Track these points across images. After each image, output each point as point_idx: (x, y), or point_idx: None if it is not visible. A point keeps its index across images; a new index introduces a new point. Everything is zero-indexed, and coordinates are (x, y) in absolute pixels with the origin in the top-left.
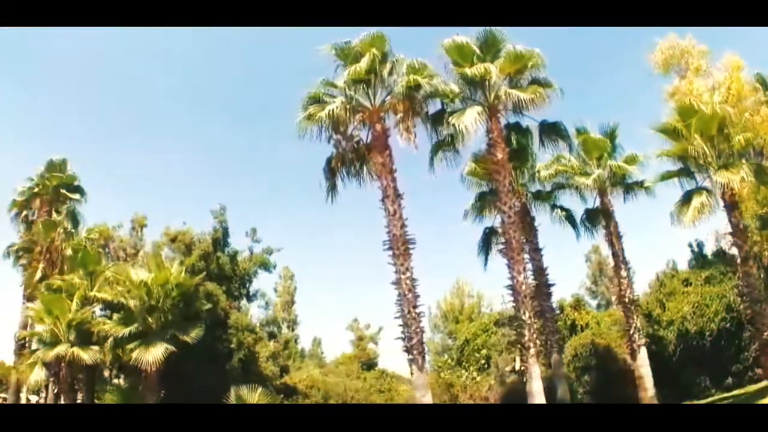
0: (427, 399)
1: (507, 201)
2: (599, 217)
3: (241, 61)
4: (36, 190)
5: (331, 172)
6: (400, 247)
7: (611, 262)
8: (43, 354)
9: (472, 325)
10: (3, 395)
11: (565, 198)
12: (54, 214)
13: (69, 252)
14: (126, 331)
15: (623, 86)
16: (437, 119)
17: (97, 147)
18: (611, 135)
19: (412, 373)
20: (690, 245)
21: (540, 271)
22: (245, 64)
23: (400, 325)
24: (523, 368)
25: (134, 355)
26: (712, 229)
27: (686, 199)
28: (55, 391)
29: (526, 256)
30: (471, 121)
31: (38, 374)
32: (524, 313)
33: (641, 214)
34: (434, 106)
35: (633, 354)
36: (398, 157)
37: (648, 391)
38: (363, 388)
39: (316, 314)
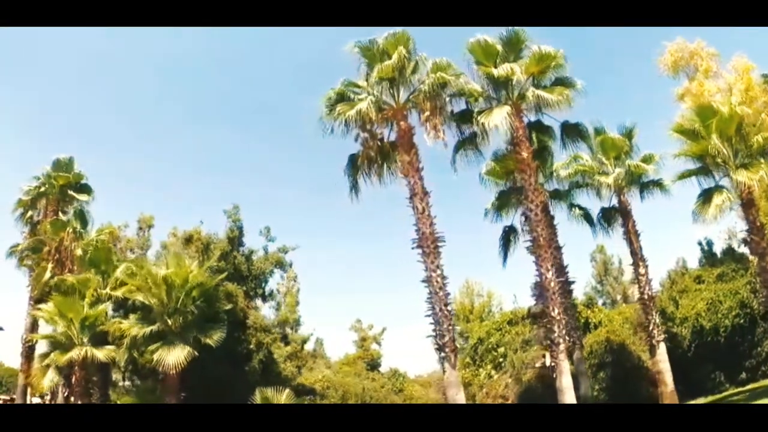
0: (461, 396)
1: (534, 199)
2: (614, 215)
3: (240, 61)
4: (42, 189)
5: (354, 170)
6: (430, 245)
7: (629, 259)
8: (56, 357)
9: (484, 325)
10: (3, 397)
11: (581, 197)
12: (60, 214)
13: (79, 252)
14: (146, 330)
15: (618, 86)
16: (462, 118)
17: (89, 147)
18: (628, 135)
19: (444, 371)
20: (700, 243)
21: (561, 269)
22: (244, 64)
23: (431, 323)
24: (553, 364)
25: (155, 357)
26: (722, 227)
27: (707, 196)
28: (66, 393)
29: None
30: (500, 120)
31: (51, 377)
32: (553, 310)
33: (646, 212)
34: (457, 105)
35: (652, 349)
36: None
37: (668, 386)
38: (376, 388)
39: (309, 315)
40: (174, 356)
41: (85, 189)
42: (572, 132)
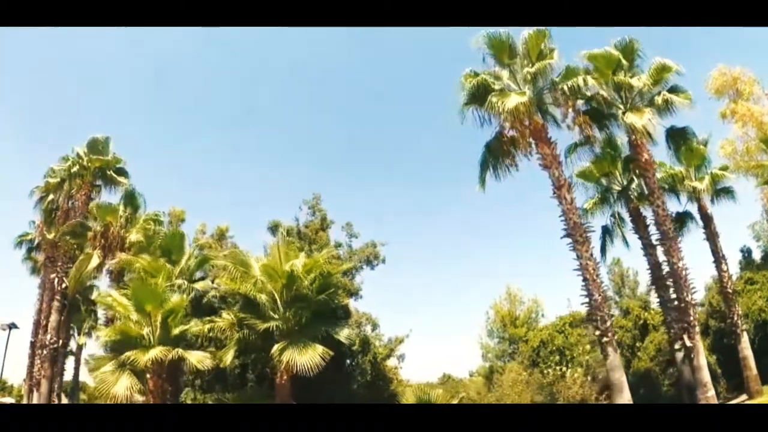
0: (624, 379)
1: (659, 195)
2: (686, 219)
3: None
4: (74, 170)
5: (488, 160)
6: (582, 234)
7: (711, 258)
8: (135, 355)
9: (545, 328)
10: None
11: None
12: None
13: (133, 238)
14: (265, 326)
15: None
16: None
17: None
18: (704, 144)
19: (607, 356)
20: (742, 250)
21: (657, 266)
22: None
23: (588, 310)
24: (690, 344)
25: (284, 357)
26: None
27: None
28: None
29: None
30: (644, 123)
31: (126, 384)
32: (687, 295)
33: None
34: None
35: (737, 338)
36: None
37: (752, 371)
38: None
39: None
40: (308, 357)
41: (123, 173)
42: (677, 136)
